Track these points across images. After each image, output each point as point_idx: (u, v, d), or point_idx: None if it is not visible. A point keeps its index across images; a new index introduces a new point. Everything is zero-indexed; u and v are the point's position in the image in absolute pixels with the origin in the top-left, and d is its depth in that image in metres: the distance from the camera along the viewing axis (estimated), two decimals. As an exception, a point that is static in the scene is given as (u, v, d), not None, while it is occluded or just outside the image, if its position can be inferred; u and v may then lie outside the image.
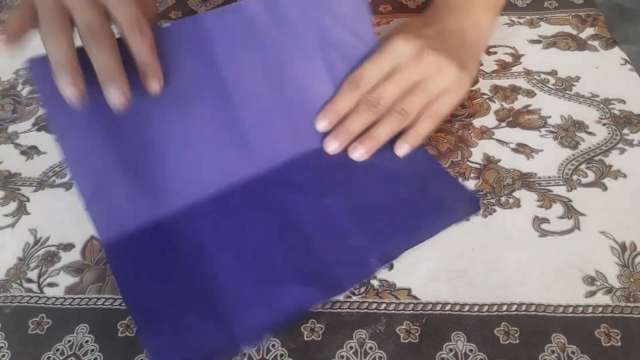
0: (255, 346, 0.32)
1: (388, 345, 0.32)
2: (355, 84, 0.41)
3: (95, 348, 0.33)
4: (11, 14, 0.34)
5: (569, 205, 0.38)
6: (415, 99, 0.41)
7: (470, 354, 0.31)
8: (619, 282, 0.34)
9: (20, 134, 0.47)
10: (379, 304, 0.34)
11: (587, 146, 0.42)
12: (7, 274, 0.37)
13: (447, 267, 0.35)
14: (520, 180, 0.40)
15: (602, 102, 0.45)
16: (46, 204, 0.41)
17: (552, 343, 0.31)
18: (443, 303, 0.33)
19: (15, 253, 0.38)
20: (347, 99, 0.41)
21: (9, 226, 0.40)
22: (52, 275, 0.37)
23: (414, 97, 0.41)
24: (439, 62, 0.41)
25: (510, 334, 0.32)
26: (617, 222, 0.37)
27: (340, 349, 0.32)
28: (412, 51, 0.41)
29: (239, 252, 0.36)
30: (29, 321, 0.34)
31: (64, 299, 0.35)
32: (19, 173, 0.44)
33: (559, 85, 0.47)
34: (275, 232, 0.37)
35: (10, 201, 0.42)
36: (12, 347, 0.33)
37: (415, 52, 0.41)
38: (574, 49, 0.51)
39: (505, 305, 0.33)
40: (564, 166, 0.41)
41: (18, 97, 0.51)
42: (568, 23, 0.54)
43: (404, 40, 0.42)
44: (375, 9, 0.58)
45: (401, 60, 0.41)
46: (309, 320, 0.33)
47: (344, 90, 0.42)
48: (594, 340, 0.31)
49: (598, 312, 0.32)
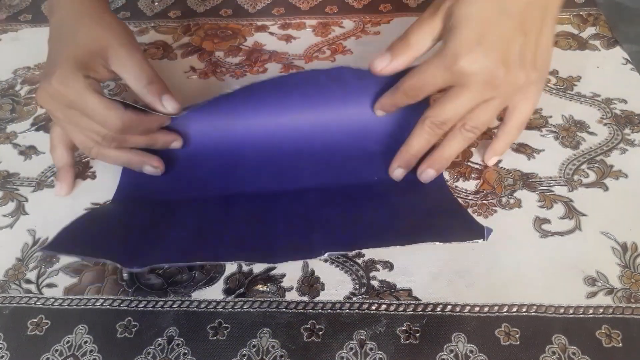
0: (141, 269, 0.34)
1: (388, 346, 0.32)
2: (437, 126, 0.37)
3: (94, 349, 0.33)
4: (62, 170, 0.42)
5: (570, 205, 0.38)
6: (485, 116, 0.36)
7: (470, 355, 0.31)
8: (620, 283, 0.33)
9: (19, 133, 0.47)
10: (379, 305, 0.34)
11: (588, 146, 0.42)
12: (5, 275, 0.37)
13: (448, 268, 0.35)
14: (521, 180, 0.40)
15: (604, 102, 0.45)
16: (45, 204, 0.41)
17: (553, 344, 0.31)
18: (444, 304, 0.33)
19: (14, 253, 0.38)
20: (424, 141, 0.38)
21: (8, 226, 0.40)
22: (50, 275, 0.37)
23: (484, 113, 0.36)
24: (525, 77, 0.35)
25: (511, 335, 0.32)
26: (619, 223, 0.37)
27: (340, 350, 0.32)
28: (484, 74, 0.34)
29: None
30: (27, 322, 0.34)
31: (62, 300, 0.35)
32: (17, 173, 0.44)
33: (560, 85, 0.47)
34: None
35: (8, 201, 0.42)
36: (11, 348, 0.33)
37: (489, 73, 0.34)
38: (575, 49, 0.51)
39: (506, 306, 0.33)
40: (565, 166, 0.41)
41: (16, 96, 0.51)
42: (569, 22, 0.54)
43: (474, 54, 0.33)
44: (375, 8, 0.58)
45: (473, 75, 0.34)
46: (309, 321, 0.33)
47: (423, 133, 0.37)
48: (595, 341, 0.31)
49: (599, 313, 0.32)
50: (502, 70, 0.34)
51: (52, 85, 0.36)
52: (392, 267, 0.35)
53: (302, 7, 0.59)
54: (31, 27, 0.60)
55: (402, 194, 0.39)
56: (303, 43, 0.54)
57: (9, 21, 0.61)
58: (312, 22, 0.57)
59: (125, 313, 0.34)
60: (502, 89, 0.35)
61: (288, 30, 0.56)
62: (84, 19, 0.39)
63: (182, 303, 0.35)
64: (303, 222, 0.36)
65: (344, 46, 0.54)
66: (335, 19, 0.57)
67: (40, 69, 0.54)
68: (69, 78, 0.36)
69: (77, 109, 0.37)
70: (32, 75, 0.53)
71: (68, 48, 0.38)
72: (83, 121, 0.38)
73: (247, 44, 0.55)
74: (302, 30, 0.56)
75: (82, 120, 0.38)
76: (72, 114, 0.38)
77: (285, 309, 0.34)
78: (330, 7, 0.59)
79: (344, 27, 0.56)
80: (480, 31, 0.33)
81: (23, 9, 0.63)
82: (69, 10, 0.40)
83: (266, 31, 0.56)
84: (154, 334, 0.33)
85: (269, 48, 0.54)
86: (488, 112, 0.36)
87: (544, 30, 0.35)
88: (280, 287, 0.35)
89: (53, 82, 0.36)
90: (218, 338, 0.33)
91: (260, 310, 0.34)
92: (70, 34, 0.39)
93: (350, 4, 0.59)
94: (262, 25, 0.57)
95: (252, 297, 0.35)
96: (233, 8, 0.60)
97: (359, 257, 0.36)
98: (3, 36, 0.59)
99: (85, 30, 0.39)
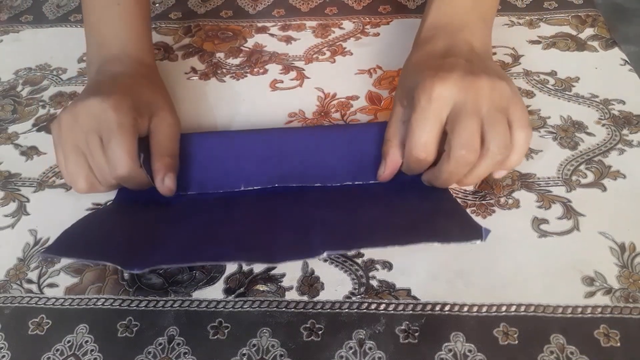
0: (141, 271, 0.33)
1: (387, 346, 0.32)
2: (421, 158, 0.36)
3: (94, 348, 0.33)
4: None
5: (569, 205, 0.38)
6: (501, 127, 0.34)
7: (469, 355, 0.31)
8: (618, 283, 0.34)
9: (20, 134, 0.48)
10: (379, 305, 0.34)
11: (586, 147, 0.42)
12: (7, 275, 0.37)
13: (447, 268, 0.35)
14: (520, 180, 0.40)
15: (602, 103, 0.45)
16: (46, 204, 0.41)
17: (551, 344, 0.31)
18: (442, 303, 0.33)
19: (15, 253, 0.38)
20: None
21: (9, 226, 0.40)
22: (52, 275, 0.37)
23: (499, 126, 0.34)
24: (490, 83, 0.35)
25: (509, 335, 0.32)
26: (617, 223, 0.37)
27: (340, 349, 0.32)
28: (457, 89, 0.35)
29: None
30: (29, 322, 0.34)
31: (63, 300, 0.35)
32: (18, 173, 0.44)
33: (558, 85, 0.47)
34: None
35: (10, 202, 0.42)
36: (12, 347, 0.33)
37: (462, 87, 0.35)
38: (573, 50, 0.51)
39: (504, 306, 0.33)
40: (563, 167, 0.41)
41: (18, 97, 0.51)
42: (567, 23, 0.54)
43: (437, 85, 0.35)
44: (375, 10, 0.58)
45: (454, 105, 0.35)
46: (309, 320, 0.33)
47: (413, 170, 0.37)
48: (593, 340, 0.31)
49: (597, 312, 0.32)
50: (469, 78, 0.35)
51: (101, 104, 0.36)
52: (391, 266, 0.36)
53: (302, 9, 0.59)
54: (32, 28, 0.60)
55: (402, 194, 0.39)
56: (303, 44, 0.55)
57: (11, 22, 0.61)
58: (312, 23, 0.57)
59: (126, 312, 0.34)
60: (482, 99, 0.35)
61: (288, 31, 0.57)
62: (142, 80, 0.41)
63: (183, 303, 0.35)
64: (302, 222, 0.36)
65: (344, 47, 0.54)
66: (335, 20, 0.57)
67: (42, 69, 0.54)
68: (123, 107, 0.37)
69: (104, 138, 0.36)
70: (33, 76, 0.54)
71: (124, 91, 0.38)
72: (96, 153, 0.37)
73: (248, 45, 0.55)
74: (302, 32, 0.56)
75: (96, 152, 0.37)
76: (93, 140, 0.37)
77: (285, 309, 0.34)
78: (330, 8, 0.59)
79: (343, 28, 0.56)
80: (433, 73, 0.35)
81: (24, 10, 0.63)
82: (126, 67, 0.41)
83: (266, 32, 0.57)
84: (155, 334, 0.33)
85: (270, 49, 0.54)
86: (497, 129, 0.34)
87: (489, 63, 0.39)
88: (280, 287, 0.35)
89: (105, 102, 0.36)
90: (218, 337, 0.33)
91: (260, 309, 0.34)
92: (127, 85, 0.40)
93: (350, 5, 0.59)
94: (263, 26, 0.57)
95: (252, 297, 0.35)
96: (234, 9, 0.60)
97: (358, 257, 0.36)
98: (4, 37, 0.59)
99: (141, 86, 0.40)
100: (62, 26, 0.60)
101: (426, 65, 0.38)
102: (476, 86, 0.35)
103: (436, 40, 0.40)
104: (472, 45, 0.40)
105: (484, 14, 0.42)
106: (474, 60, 0.37)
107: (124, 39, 0.43)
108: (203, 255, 0.34)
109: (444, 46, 0.39)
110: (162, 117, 0.40)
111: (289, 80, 0.51)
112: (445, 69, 0.35)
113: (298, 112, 0.47)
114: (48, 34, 0.59)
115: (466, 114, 0.34)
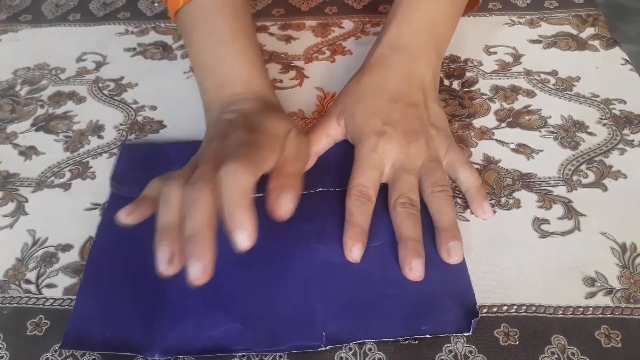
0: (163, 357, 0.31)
1: (387, 347, 0.32)
2: (364, 196, 0.37)
3: (93, 349, 0.33)
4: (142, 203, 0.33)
5: (569, 205, 0.38)
6: (436, 172, 0.38)
7: (469, 355, 0.31)
8: (620, 283, 0.34)
9: (19, 134, 0.47)
10: (379, 305, 0.34)
11: (587, 146, 0.42)
12: (5, 275, 0.37)
13: (447, 268, 0.35)
14: (521, 180, 0.40)
15: (603, 103, 0.45)
16: (44, 204, 0.41)
17: (552, 344, 0.31)
18: (443, 304, 0.33)
19: (14, 254, 0.38)
20: (364, 213, 0.37)
21: (7, 227, 0.40)
22: (50, 276, 0.37)
23: (437, 171, 0.38)
24: (427, 140, 0.39)
25: (510, 335, 0.32)
26: (618, 223, 0.37)
27: (340, 350, 0.32)
28: (399, 148, 0.38)
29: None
30: (27, 322, 0.34)
31: (62, 300, 0.35)
32: (17, 173, 0.44)
33: (559, 85, 0.47)
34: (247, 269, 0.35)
35: (8, 201, 0.42)
36: (10, 348, 0.33)
37: (403, 146, 0.38)
38: (574, 49, 0.51)
39: (505, 307, 0.33)
40: (564, 167, 0.41)
41: (17, 97, 0.51)
42: (568, 23, 0.54)
43: (381, 143, 0.38)
44: (374, 9, 0.58)
45: (394, 161, 0.38)
46: (308, 321, 0.33)
47: (356, 206, 0.37)
48: (594, 341, 0.31)
49: (598, 313, 0.32)
50: (410, 138, 0.39)
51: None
52: (391, 267, 0.35)
53: (302, 8, 0.59)
54: (31, 27, 0.60)
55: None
56: (303, 43, 0.54)
57: (9, 21, 0.61)
58: (311, 22, 0.57)
59: (125, 313, 0.34)
60: (418, 158, 0.39)
61: (288, 30, 0.56)
62: (271, 113, 0.39)
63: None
64: (304, 302, 0.33)
65: (344, 46, 0.54)
66: (335, 20, 0.57)
67: (40, 69, 0.54)
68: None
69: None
70: (32, 75, 0.53)
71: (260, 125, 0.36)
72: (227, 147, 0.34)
73: (247, 44, 0.55)
74: (302, 31, 0.56)
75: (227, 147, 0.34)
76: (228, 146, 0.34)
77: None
78: (329, 7, 0.59)
79: (343, 27, 0.56)
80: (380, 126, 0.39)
81: (23, 9, 0.63)
82: (254, 105, 0.39)
83: (266, 32, 0.56)
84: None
85: (269, 48, 0.54)
86: (431, 173, 0.38)
87: (429, 104, 0.41)
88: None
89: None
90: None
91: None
92: (260, 120, 0.37)
93: (350, 4, 0.59)
94: (262, 25, 0.57)
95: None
96: (233, 8, 0.60)
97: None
98: (3, 36, 0.59)
99: (272, 117, 0.37)
100: (60, 25, 0.60)
101: (375, 106, 0.40)
102: (416, 145, 0.38)
103: (391, 63, 0.42)
104: (424, 80, 0.42)
105: (438, 41, 0.44)
106: (420, 105, 0.41)
107: (246, 77, 0.41)
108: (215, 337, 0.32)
109: (398, 77, 0.42)
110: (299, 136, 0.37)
111: (289, 80, 0.51)
112: (392, 124, 0.39)
113: (298, 112, 0.47)
114: (47, 33, 0.59)
115: (404, 171, 0.38)
